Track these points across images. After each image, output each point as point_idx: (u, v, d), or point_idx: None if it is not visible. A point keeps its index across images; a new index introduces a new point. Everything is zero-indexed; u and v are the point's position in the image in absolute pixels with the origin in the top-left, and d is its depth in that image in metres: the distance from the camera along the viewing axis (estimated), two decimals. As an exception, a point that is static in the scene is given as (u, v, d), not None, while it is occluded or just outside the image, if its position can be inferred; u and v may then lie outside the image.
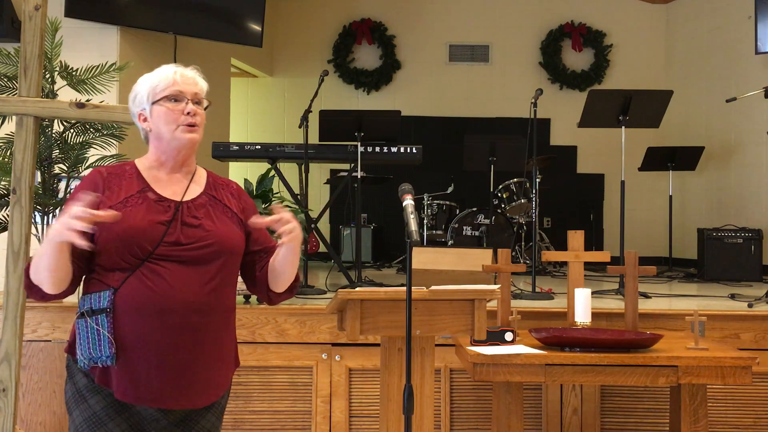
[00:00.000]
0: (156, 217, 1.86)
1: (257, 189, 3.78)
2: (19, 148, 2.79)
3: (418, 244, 4.71)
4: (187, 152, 1.96)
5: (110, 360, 1.79)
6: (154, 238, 1.82)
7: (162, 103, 1.91)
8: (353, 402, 3.65)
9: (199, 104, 1.96)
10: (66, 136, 3.77)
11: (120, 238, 1.80)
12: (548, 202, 7.49)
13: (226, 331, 1.98)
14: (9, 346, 2.73)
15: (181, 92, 1.91)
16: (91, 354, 1.80)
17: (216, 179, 2.08)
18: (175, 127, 1.90)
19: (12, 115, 2.93)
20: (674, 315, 3.63)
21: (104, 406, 1.83)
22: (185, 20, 5.32)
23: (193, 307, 1.84)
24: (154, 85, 1.93)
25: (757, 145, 6.78)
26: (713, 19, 7.45)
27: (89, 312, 1.81)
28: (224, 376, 1.98)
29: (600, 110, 4.91)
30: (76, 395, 1.86)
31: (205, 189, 1.99)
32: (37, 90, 2.80)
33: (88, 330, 1.80)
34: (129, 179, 1.92)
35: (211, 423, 1.96)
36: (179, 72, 1.94)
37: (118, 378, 1.81)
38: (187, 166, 1.99)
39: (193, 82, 1.95)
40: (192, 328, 1.84)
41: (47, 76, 3.67)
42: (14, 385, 2.72)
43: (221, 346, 1.95)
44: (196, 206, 1.93)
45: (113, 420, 1.83)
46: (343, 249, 7.12)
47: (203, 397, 1.90)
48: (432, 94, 8.25)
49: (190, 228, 1.88)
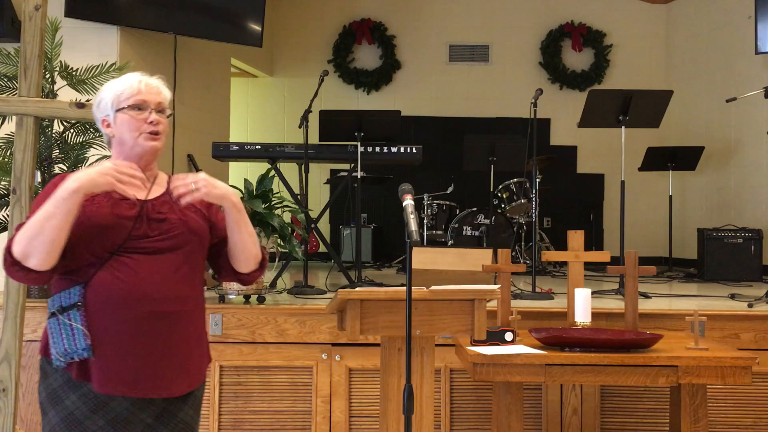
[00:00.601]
0: (123, 213, 1.90)
1: (257, 189, 3.78)
2: (19, 148, 2.79)
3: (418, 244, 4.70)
4: (148, 158, 2.02)
5: (87, 352, 1.82)
6: (122, 232, 1.88)
7: (126, 111, 1.96)
8: (353, 402, 3.65)
9: (162, 113, 2.01)
10: (66, 136, 3.78)
11: (90, 233, 1.85)
12: (548, 202, 7.49)
13: (197, 320, 2.02)
14: (9, 346, 2.73)
15: (144, 101, 1.97)
16: (67, 349, 1.83)
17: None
18: (138, 135, 1.96)
19: (12, 115, 2.93)
20: (674, 315, 3.63)
21: (79, 406, 1.85)
22: (185, 20, 5.32)
23: (164, 295, 1.89)
24: (118, 92, 1.98)
25: (757, 145, 6.78)
26: (713, 19, 7.45)
27: (60, 310, 1.85)
28: (198, 366, 2.01)
29: (600, 110, 4.91)
30: (52, 395, 1.88)
31: (167, 189, 2.05)
32: (37, 90, 2.80)
33: (61, 327, 1.84)
34: None
35: (190, 416, 2.00)
36: (144, 81, 2.00)
37: (96, 370, 1.84)
38: (149, 170, 2.04)
39: (157, 91, 2.02)
40: (164, 316, 1.88)
41: (47, 76, 3.68)
42: (14, 385, 2.72)
43: (193, 335, 1.99)
44: (159, 203, 1.99)
45: (89, 419, 1.85)
46: (343, 249, 7.12)
47: (179, 385, 1.93)
48: (432, 94, 8.25)
49: (157, 222, 1.94)
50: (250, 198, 3.71)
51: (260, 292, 3.78)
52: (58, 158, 3.76)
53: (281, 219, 3.74)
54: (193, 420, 2.02)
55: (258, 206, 3.60)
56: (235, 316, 3.64)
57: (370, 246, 7.27)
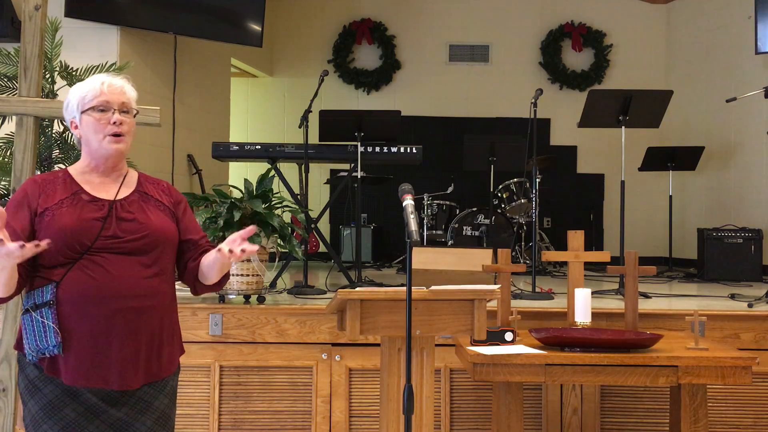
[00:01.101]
0: (91, 214, 1.96)
1: (257, 189, 3.78)
2: (19, 148, 2.79)
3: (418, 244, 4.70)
4: (114, 160, 2.06)
5: (57, 349, 1.89)
6: (91, 233, 1.94)
7: (89, 113, 2.01)
8: (353, 402, 3.65)
9: (127, 113, 2.05)
10: (66, 136, 3.78)
11: (58, 237, 1.89)
12: (548, 202, 7.49)
13: (167, 315, 2.07)
14: (9, 346, 2.73)
15: (107, 102, 2.01)
16: (38, 346, 1.90)
17: (147, 179, 2.19)
18: (102, 137, 2.00)
19: (12, 115, 2.93)
20: (674, 315, 3.63)
21: (57, 395, 1.92)
22: (185, 20, 5.32)
23: (134, 293, 1.95)
24: (83, 95, 2.02)
25: (757, 145, 6.78)
26: (713, 19, 7.45)
27: (33, 307, 1.92)
28: (169, 357, 2.07)
29: (600, 110, 4.91)
30: (30, 386, 1.95)
31: (136, 188, 2.10)
32: (37, 90, 2.80)
33: (34, 324, 1.91)
34: (62, 184, 2.02)
35: (165, 404, 2.06)
36: (106, 83, 2.03)
37: (65, 365, 1.91)
38: (117, 170, 2.09)
39: (120, 91, 2.05)
40: (134, 313, 1.94)
41: (47, 76, 3.68)
42: (14, 385, 2.72)
43: (165, 328, 2.05)
44: (129, 203, 2.05)
45: (68, 405, 1.92)
46: (343, 249, 7.12)
47: (149, 376, 1.99)
48: (432, 94, 8.25)
49: (126, 222, 2.00)
50: (250, 198, 3.71)
51: (260, 292, 3.78)
52: (58, 158, 3.75)
53: (281, 219, 3.74)
54: (168, 408, 2.08)
55: (258, 206, 3.60)
56: (235, 316, 3.64)
57: (370, 246, 7.27)
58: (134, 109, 2.08)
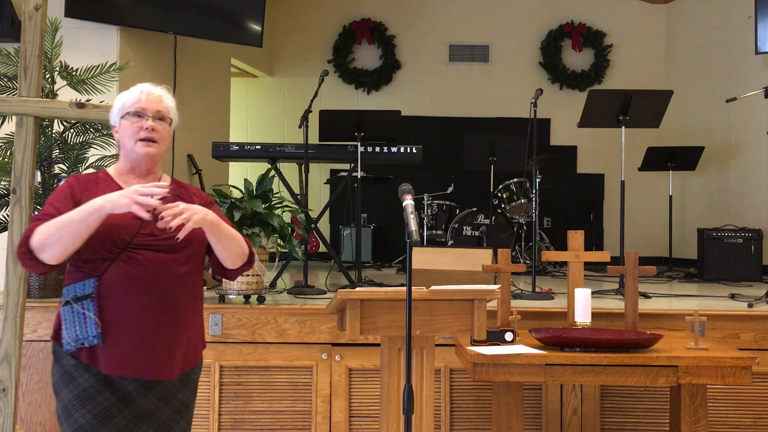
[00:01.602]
0: (131, 213, 2.01)
1: (257, 189, 3.78)
2: (19, 148, 2.79)
3: (418, 244, 4.71)
4: (147, 163, 2.18)
5: (97, 339, 2.00)
6: (131, 230, 2.05)
7: (126, 118, 2.15)
8: (353, 402, 3.65)
9: (162, 120, 2.18)
10: (66, 136, 3.77)
11: (102, 231, 2.00)
12: (548, 202, 7.49)
13: (197, 311, 2.22)
14: (9, 346, 2.73)
15: (143, 109, 2.14)
16: (78, 336, 2.01)
17: (180, 184, 2.32)
18: (135, 141, 2.14)
19: (12, 115, 2.93)
20: (674, 315, 3.63)
21: (92, 383, 2.03)
22: (185, 20, 5.32)
23: (169, 289, 2.07)
24: (123, 101, 2.17)
25: (757, 145, 6.78)
26: (713, 19, 7.45)
27: (74, 299, 2.03)
28: (195, 352, 2.21)
29: (600, 110, 4.91)
30: (64, 376, 2.05)
31: (171, 191, 2.19)
32: (37, 90, 2.80)
33: (75, 315, 2.02)
34: (104, 184, 2.15)
35: (187, 396, 2.20)
36: (146, 91, 2.18)
37: (104, 355, 2.02)
38: (153, 173, 2.22)
39: (158, 100, 2.18)
40: (167, 308, 2.07)
41: (47, 76, 3.68)
42: (14, 385, 2.72)
43: (192, 324, 2.18)
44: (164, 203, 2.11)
45: (102, 394, 2.02)
46: (343, 249, 7.12)
47: (178, 369, 2.12)
48: (432, 94, 8.25)
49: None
50: (250, 198, 3.71)
51: (260, 292, 3.78)
52: (58, 158, 3.75)
53: (281, 219, 3.74)
54: (189, 400, 2.21)
55: (258, 206, 3.60)
56: (235, 316, 3.64)
57: (370, 246, 7.27)
58: (170, 117, 2.21)
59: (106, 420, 2.01)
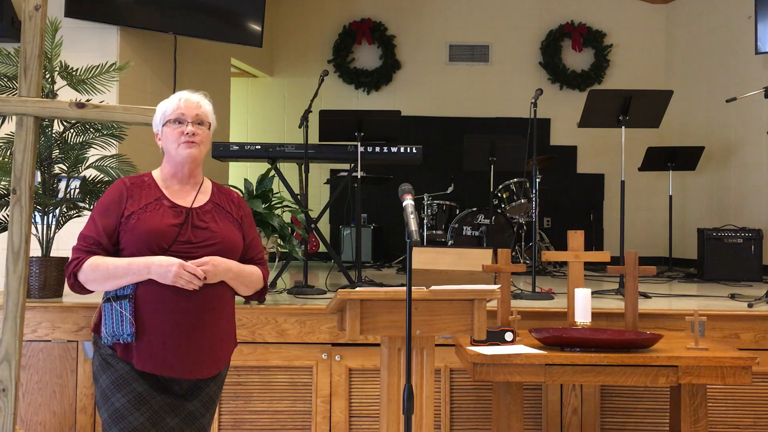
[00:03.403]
0: (170, 220, 2.23)
1: (257, 189, 3.78)
2: (19, 148, 2.79)
3: (418, 244, 4.70)
4: (190, 166, 2.31)
5: (131, 338, 2.15)
6: (169, 237, 2.20)
7: (168, 125, 2.29)
8: (353, 402, 3.65)
9: (202, 125, 2.31)
10: (66, 136, 3.77)
11: (142, 239, 2.18)
12: (548, 202, 7.49)
13: (228, 315, 2.36)
14: (9, 346, 2.73)
15: (183, 115, 2.28)
16: (114, 332, 2.17)
17: (220, 189, 2.44)
18: (177, 145, 2.27)
19: (12, 115, 2.92)
20: (674, 315, 3.63)
21: (128, 370, 2.18)
22: (185, 20, 5.32)
23: (203, 294, 2.19)
24: (164, 109, 2.32)
25: (757, 145, 6.78)
26: (713, 19, 7.45)
27: (114, 297, 2.18)
28: (226, 352, 2.36)
29: (600, 110, 4.91)
30: (103, 363, 2.21)
31: (210, 198, 2.36)
32: (37, 90, 2.80)
33: (113, 312, 2.17)
34: (148, 188, 2.30)
35: (214, 392, 2.33)
36: (183, 98, 2.32)
37: (137, 352, 2.17)
38: (194, 177, 2.35)
39: (196, 105, 2.32)
40: (201, 312, 2.20)
41: (47, 76, 3.68)
42: (14, 385, 2.72)
43: (224, 328, 2.33)
44: (203, 212, 2.31)
45: (137, 381, 2.17)
46: (343, 249, 7.12)
47: (208, 370, 2.26)
48: (432, 94, 8.25)
49: (199, 230, 2.26)
50: (250, 198, 3.71)
51: (260, 292, 3.78)
52: (58, 158, 3.75)
53: (281, 219, 3.74)
54: (215, 395, 2.35)
55: (258, 206, 3.60)
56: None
57: (370, 246, 7.27)
58: (209, 121, 2.34)
59: (140, 405, 2.15)
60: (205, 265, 2.19)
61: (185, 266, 2.14)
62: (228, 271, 2.26)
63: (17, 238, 2.74)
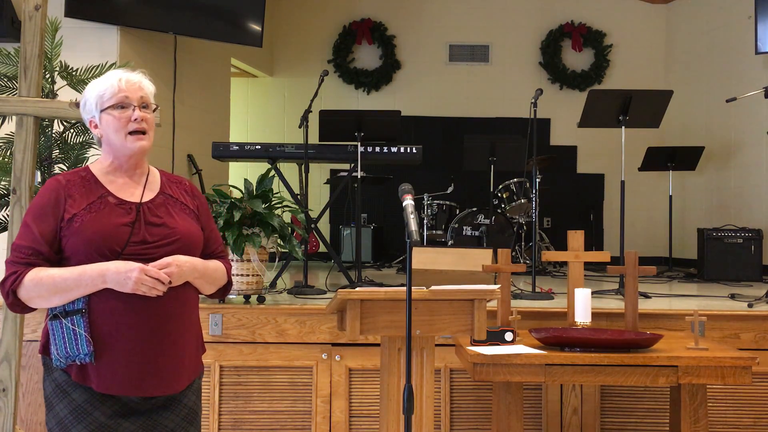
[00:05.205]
0: (119, 219, 1.93)
1: (257, 189, 3.78)
2: (19, 148, 2.79)
3: (418, 244, 4.70)
4: (138, 158, 2.02)
5: (89, 357, 1.85)
6: (121, 239, 1.90)
7: (109, 111, 1.96)
8: (353, 402, 3.65)
9: (147, 108, 2.01)
10: (66, 136, 3.77)
11: (89, 243, 1.87)
12: (548, 202, 7.49)
13: (195, 319, 2.08)
14: (9, 346, 2.73)
15: (127, 98, 1.97)
16: (68, 353, 1.86)
17: (169, 177, 2.14)
18: (124, 135, 1.96)
19: (12, 115, 2.93)
20: (674, 315, 3.63)
21: (87, 398, 1.88)
22: (185, 20, 5.32)
23: (165, 300, 1.91)
24: (100, 93, 1.98)
25: (757, 145, 6.78)
26: (713, 19, 7.45)
27: (63, 313, 1.87)
28: (195, 360, 2.07)
29: (600, 110, 4.91)
30: (57, 390, 1.91)
31: (161, 189, 2.07)
32: (37, 90, 2.80)
33: (64, 330, 1.86)
34: (87, 185, 1.97)
35: (193, 402, 2.06)
36: (124, 78, 1.99)
37: (96, 373, 1.87)
38: (140, 168, 2.05)
39: (138, 86, 2.00)
40: (164, 319, 1.92)
41: (47, 76, 3.67)
42: (14, 385, 2.72)
43: (190, 334, 2.03)
44: (155, 206, 2.01)
45: (98, 409, 1.88)
46: (343, 249, 7.12)
47: (180, 382, 1.98)
48: (432, 94, 8.25)
49: (154, 227, 1.96)
50: (250, 198, 3.71)
51: (260, 292, 3.78)
52: (58, 158, 3.75)
53: (281, 219, 3.74)
54: (195, 405, 2.08)
55: (258, 206, 3.60)
56: (235, 316, 3.64)
57: (370, 246, 7.27)
58: (153, 103, 2.03)
59: None
60: (169, 266, 1.90)
61: (147, 270, 1.85)
62: (193, 270, 1.98)
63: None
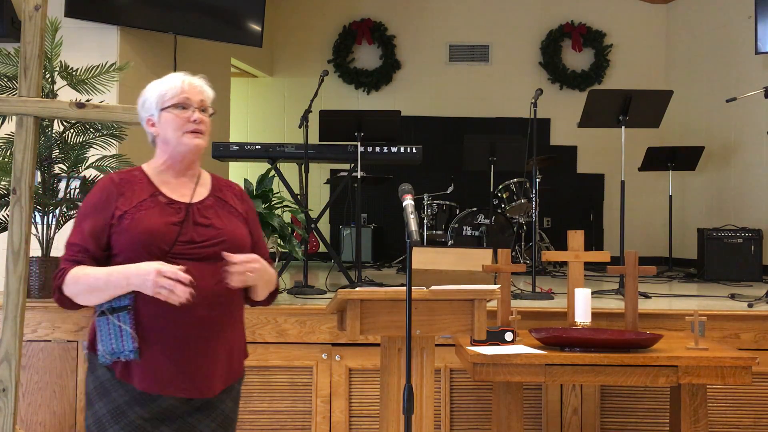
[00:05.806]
0: (169, 218, 1.96)
1: (257, 189, 3.79)
2: (19, 148, 2.79)
3: (418, 244, 4.70)
4: (192, 157, 2.06)
5: (133, 354, 1.88)
6: (169, 238, 1.92)
7: (170, 110, 2.01)
8: (353, 402, 3.65)
9: (205, 111, 2.06)
10: (66, 136, 3.77)
11: (137, 241, 1.90)
12: (548, 202, 7.49)
13: (238, 322, 2.08)
14: (9, 346, 2.73)
15: (188, 99, 2.02)
16: (114, 349, 1.88)
17: (220, 181, 2.17)
18: (182, 134, 2.00)
19: (12, 115, 2.93)
20: (674, 315, 3.63)
21: (127, 400, 1.90)
22: (185, 20, 5.32)
23: (210, 301, 1.93)
24: (162, 92, 2.02)
25: (757, 145, 6.78)
26: (713, 19, 7.45)
27: (110, 310, 1.90)
28: (237, 364, 2.08)
29: (600, 110, 4.91)
30: (99, 388, 1.93)
31: (211, 191, 2.09)
32: (37, 90, 2.80)
33: (110, 327, 1.89)
34: (140, 184, 2.01)
35: (230, 408, 2.06)
36: (187, 81, 2.04)
37: (139, 371, 1.89)
38: (192, 169, 2.08)
39: (200, 90, 2.06)
40: (209, 321, 1.93)
41: (47, 76, 3.67)
42: (14, 385, 2.72)
43: (234, 337, 2.04)
44: (204, 207, 2.04)
45: (135, 411, 1.90)
46: (343, 249, 7.12)
47: (220, 385, 1.99)
48: (432, 94, 8.25)
49: (202, 227, 1.99)
50: (250, 198, 3.71)
51: (260, 292, 3.77)
52: (58, 158, 3.75)
53: (281, 219, 3.74)
54: (232, 412, 2.08)
55: (258, 206, 3.61)
56: (235, 316, 3.63)
57: (370, 246, 7.27)
58: (211, 108, 2.08)
59: None
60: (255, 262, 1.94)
61: (163, 272, 1.82)
62: (265, 272, 2.03)
63: (17, 238, 2.74)
